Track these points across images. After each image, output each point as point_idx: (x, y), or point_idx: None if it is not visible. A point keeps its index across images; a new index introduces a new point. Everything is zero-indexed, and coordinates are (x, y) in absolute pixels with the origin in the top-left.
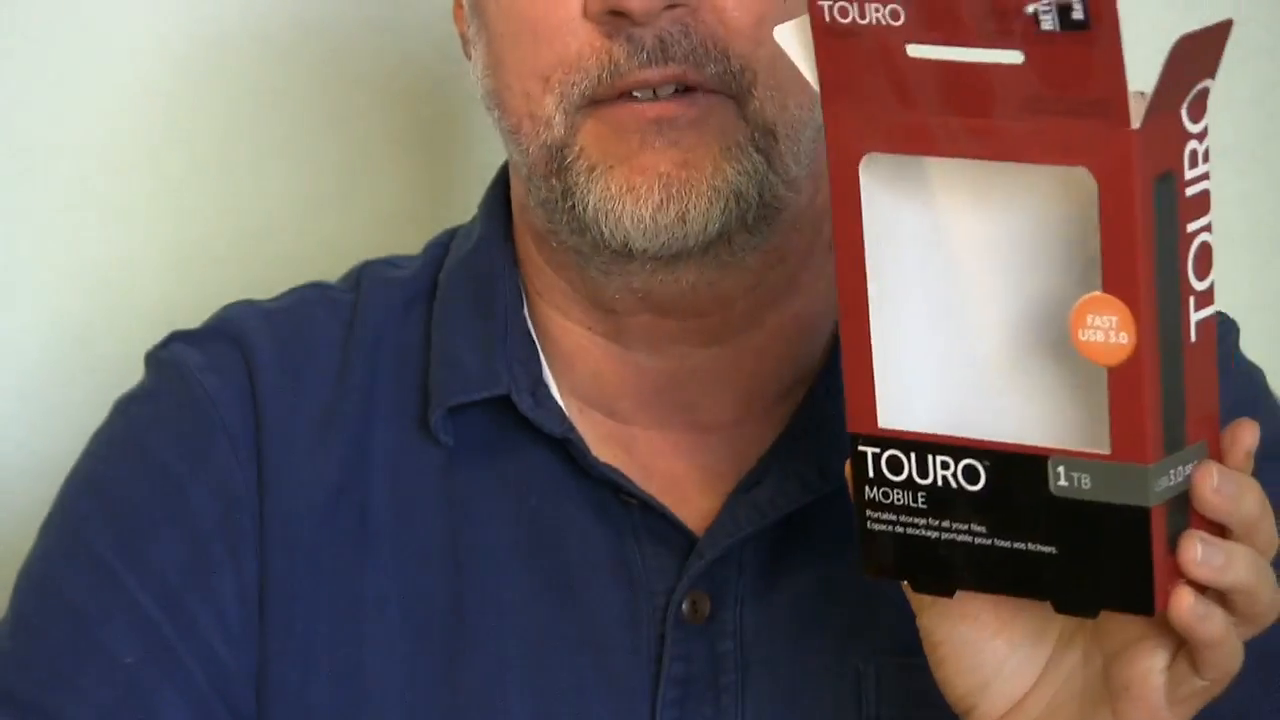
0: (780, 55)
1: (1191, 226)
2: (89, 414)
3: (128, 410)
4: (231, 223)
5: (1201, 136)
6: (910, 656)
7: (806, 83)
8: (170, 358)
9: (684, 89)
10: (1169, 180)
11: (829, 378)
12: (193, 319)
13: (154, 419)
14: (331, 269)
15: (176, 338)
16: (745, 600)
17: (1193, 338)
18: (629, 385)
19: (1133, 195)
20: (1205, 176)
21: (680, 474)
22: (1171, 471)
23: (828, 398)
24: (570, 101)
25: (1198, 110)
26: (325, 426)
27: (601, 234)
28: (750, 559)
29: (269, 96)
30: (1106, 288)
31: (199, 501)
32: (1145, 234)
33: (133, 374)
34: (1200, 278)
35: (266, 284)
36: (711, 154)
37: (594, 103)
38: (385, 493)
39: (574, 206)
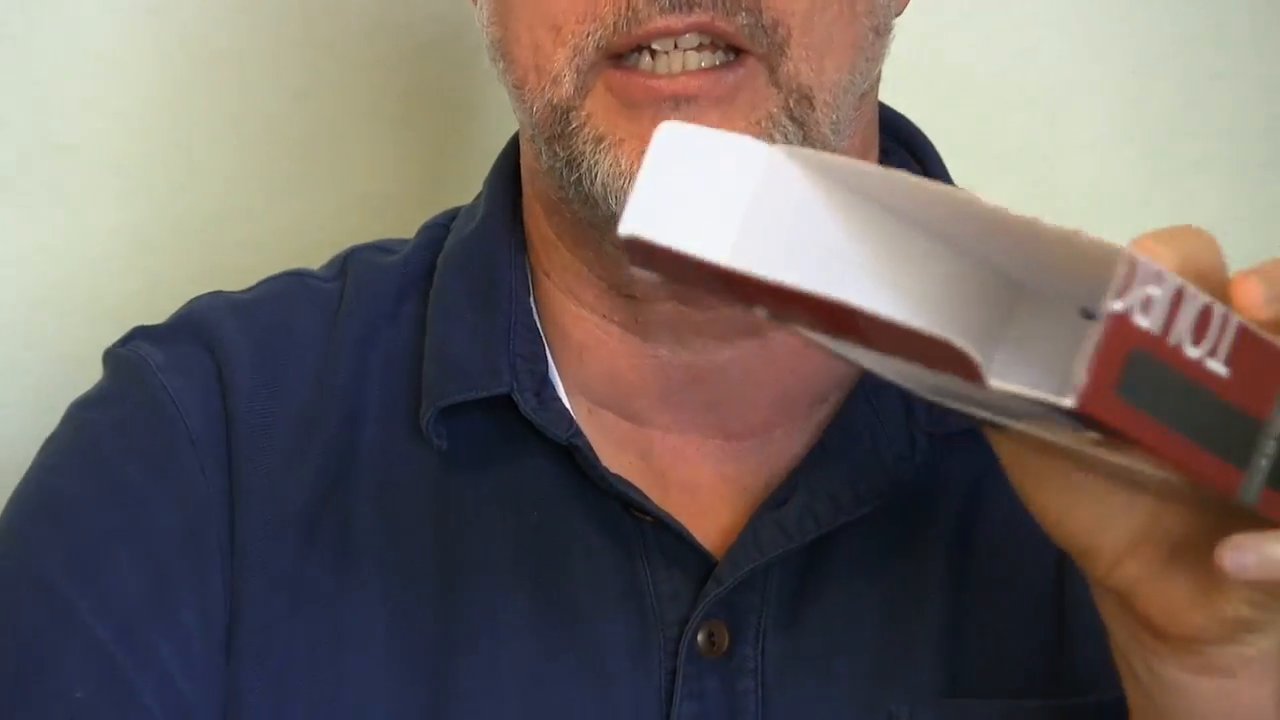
0: (817, 8)
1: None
2: (32, 416)
3: (82, 415)
4: (186, 204)
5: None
6: (949, 698)
7: (844, 41)
8: (131, 356)
9: (709, 43)
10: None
11: (870, 381)
12: (141, 310)
13: (112, 426)
14: (300, 255)
15: (139, 334)
16: (768, 632)
17: None
18: (648, 382)
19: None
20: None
21: (701, 484)
22: None
23: (867, 405)
24: (584, 57)
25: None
26: (305, 433)
27: (611, 209)
28: (775, 586)
29: (227, 61)
30: None
31: (161, 519)
32: None
33: (81, 372)
34: None
35: (226, 272)
36: (738, 129)
37: (609, 57)
38: (371, 505)
39: (581, 179)
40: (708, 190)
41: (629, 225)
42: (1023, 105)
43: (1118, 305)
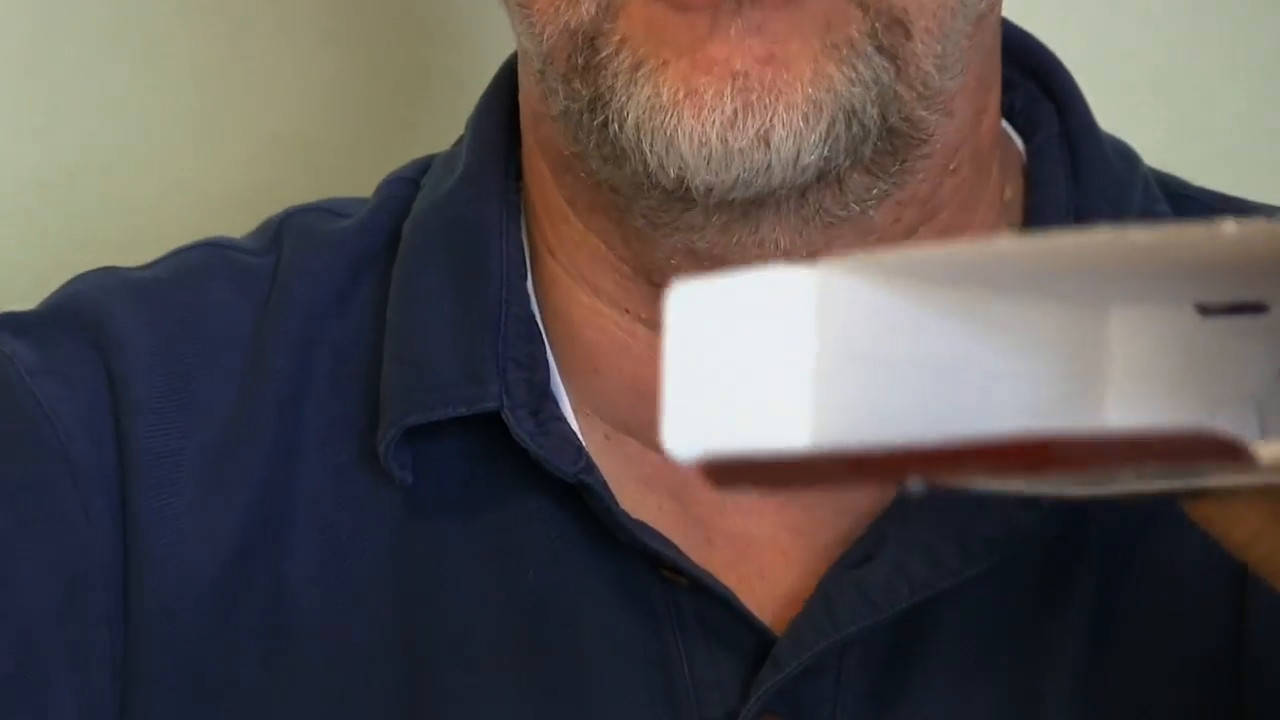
0: None
1: None
2: None
3: None
4: (46, 151)
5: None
6: None
7: None
8: None
9: None
10: None
11: None
12: (15, 292)
13: None
14: (207, 217)
15: (1, 323)
16: None
17: None
18: None
19: None
20: None
21: (755, 535)
22: None
23: None
24: None
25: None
26: (225, 459)
27: (645, 162)
28: (854, 672)
29: None
30: None
31: (27, 576)
32: None
33: None
34: None
35: (102, 244)
36: (810, 49)
37: None
38: (311, 563)
39: (607, 122)
40: (759, 355)
41: (675, 445)
42: None
43: None
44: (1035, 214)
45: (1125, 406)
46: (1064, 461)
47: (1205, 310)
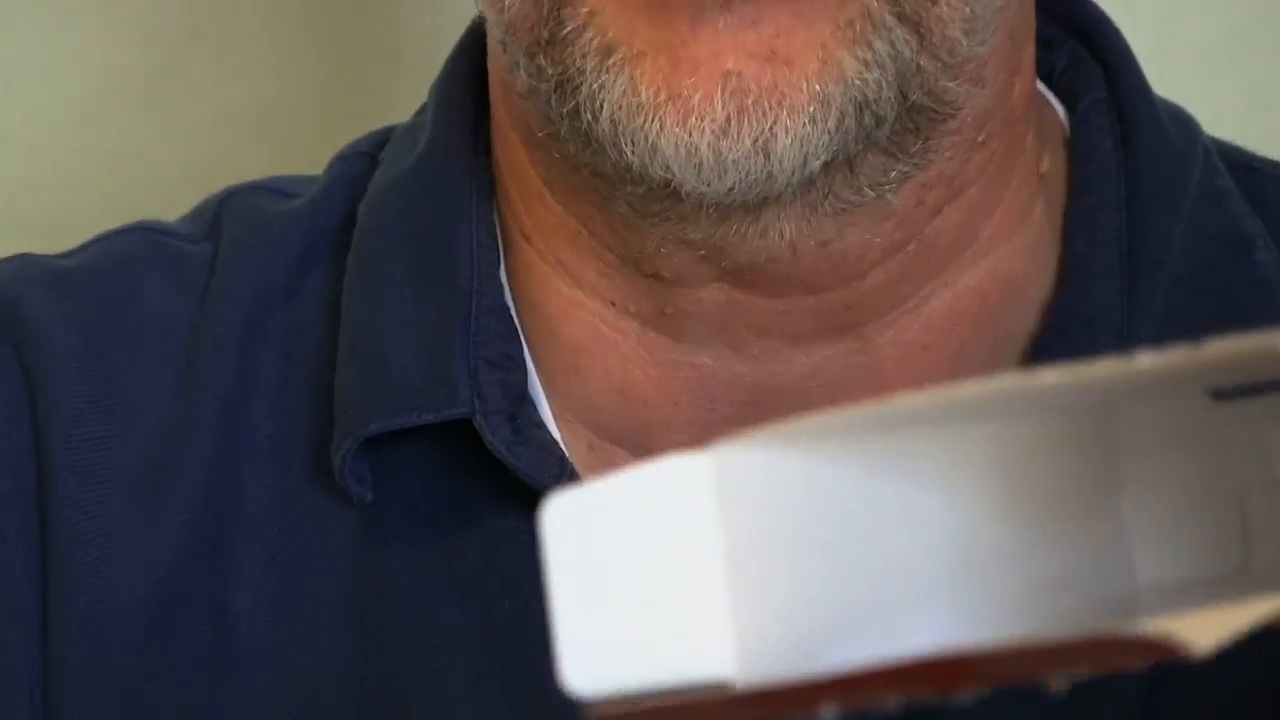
0: None
1: None
2: None
3: None
4: None
5: None
6: None
7: None
8: None
9: None
10: None
11: None
12: None
13: None
14: (136, 199)
15: None
16: None
17: None
18: (681, 405)
19: None
20: None
21: None
22: None
23: None
24: None
25: None
26: (159, 473)
27: (626, 161)
28: None
29: None
30: None
31: None
32: None
33: None
34: None
35: (20, 229)
36: (819, 36)
37: None
38: (257, 586)
39: (579, 111)
40: (660, 565)
41: (578, 686)
42: None
43: None
44: (1081, 190)
45: (1142, 508)
46: (985, 677)
47: (1220, 395)
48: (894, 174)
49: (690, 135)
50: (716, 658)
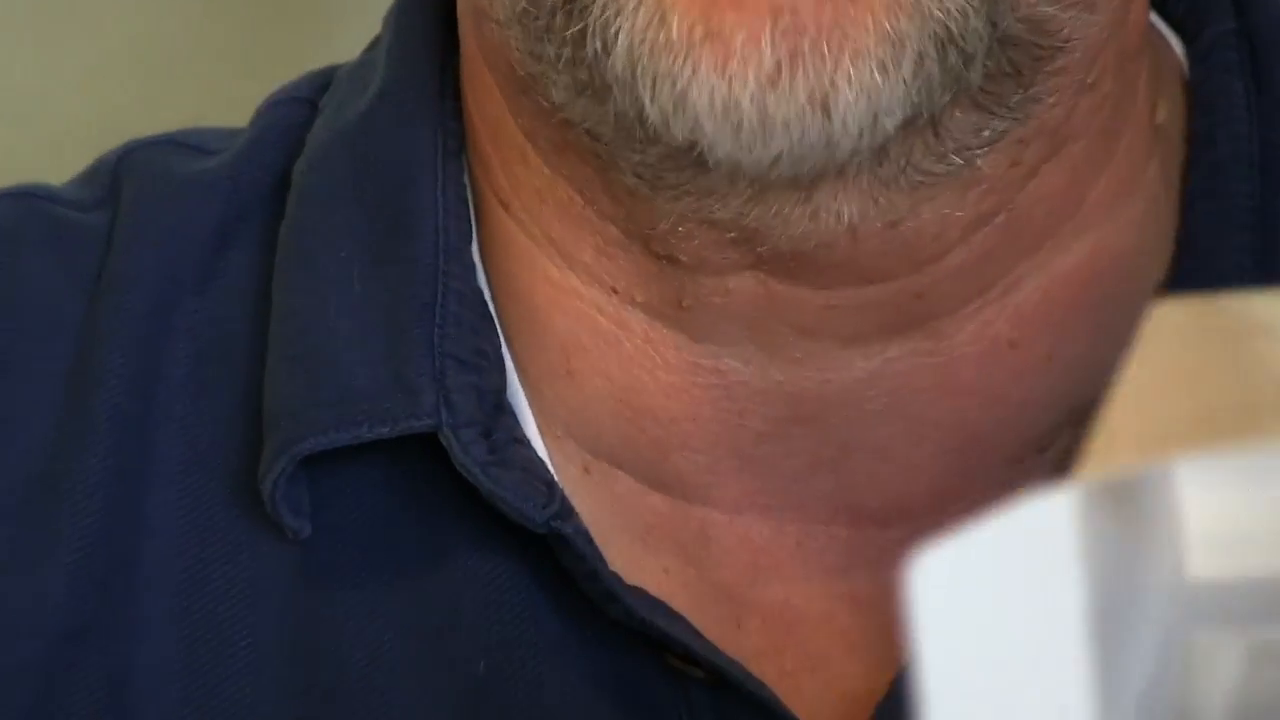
0: None
1: None
2: None
3: None
4: None
5: None
6: None
7: None
8: None
9: None
10: None
11: None
12: None
13: None
14: (54, 154)
15: None
16: None
17: None
18: (704, 421)
19: None
20: None
21: (801, 613)
22: None
23: None
24: None
25: None
26: (44, 498)
27: (640, 110)
28: None
29: None
30: None
31: None
32: None
33: None
34: None
35: None
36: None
37: None
38: (168, 642)
39: (586, 35)
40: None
41: None
42: None
43: None
44: (1204, 144)
45: None
46: None
47: None
48: (988, 133)
49: (730, 85)
50: None
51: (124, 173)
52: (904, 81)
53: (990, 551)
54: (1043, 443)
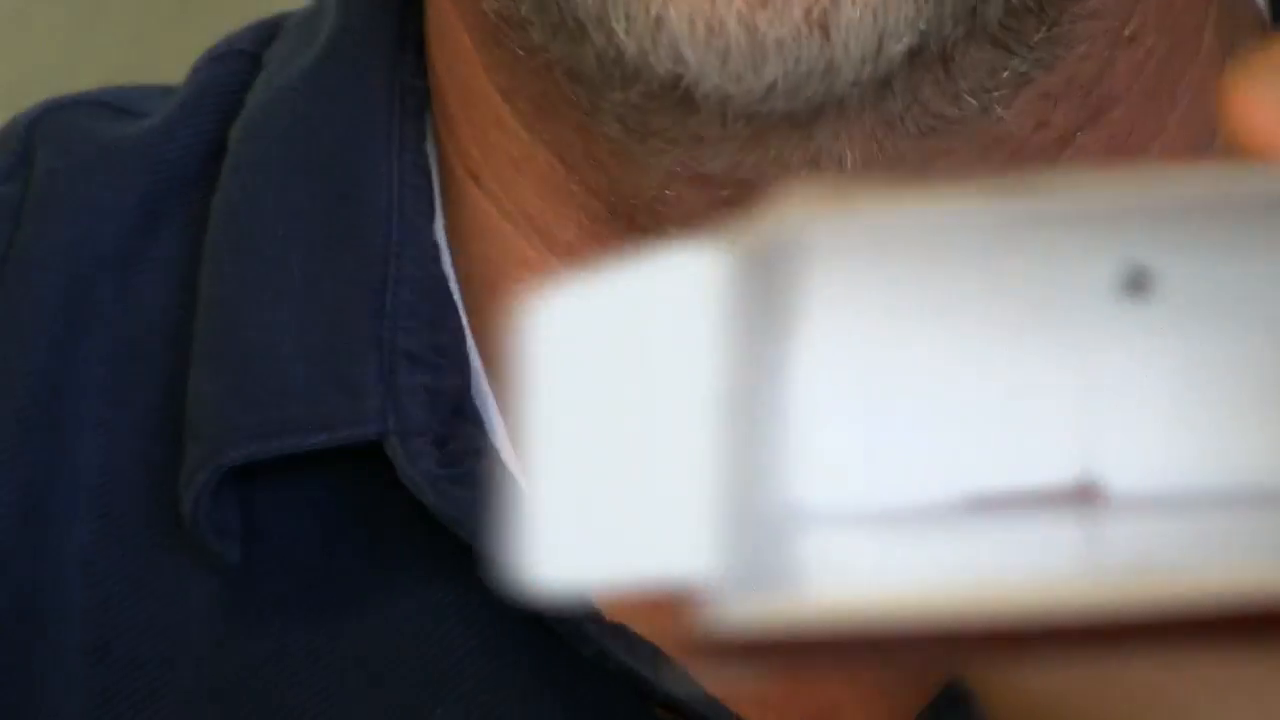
0: None
1: None
2: None
3: None
4: None
5: None
6: None
7: None
8: None
9: None
10: None
11: None
12: None
13: None
14: None
15: None
16: None
17: None
18: None
19: None
20: None
21: None
22: None
23: None
24: None
25: None
26: None
27: (616, 43)
28: None
29: None
30: None
31: None
32: None
33: None
34: None
35: None
36: None
37: None
38: (75, 684)
39: None
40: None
41: (541, 575)
42: None
43: None
44: None
45: None
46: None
47: None
48: (1006, 74)
49: (714, 3)
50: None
51: (38, 138)
52: (912, 3)
53: (615, 306)
54: None
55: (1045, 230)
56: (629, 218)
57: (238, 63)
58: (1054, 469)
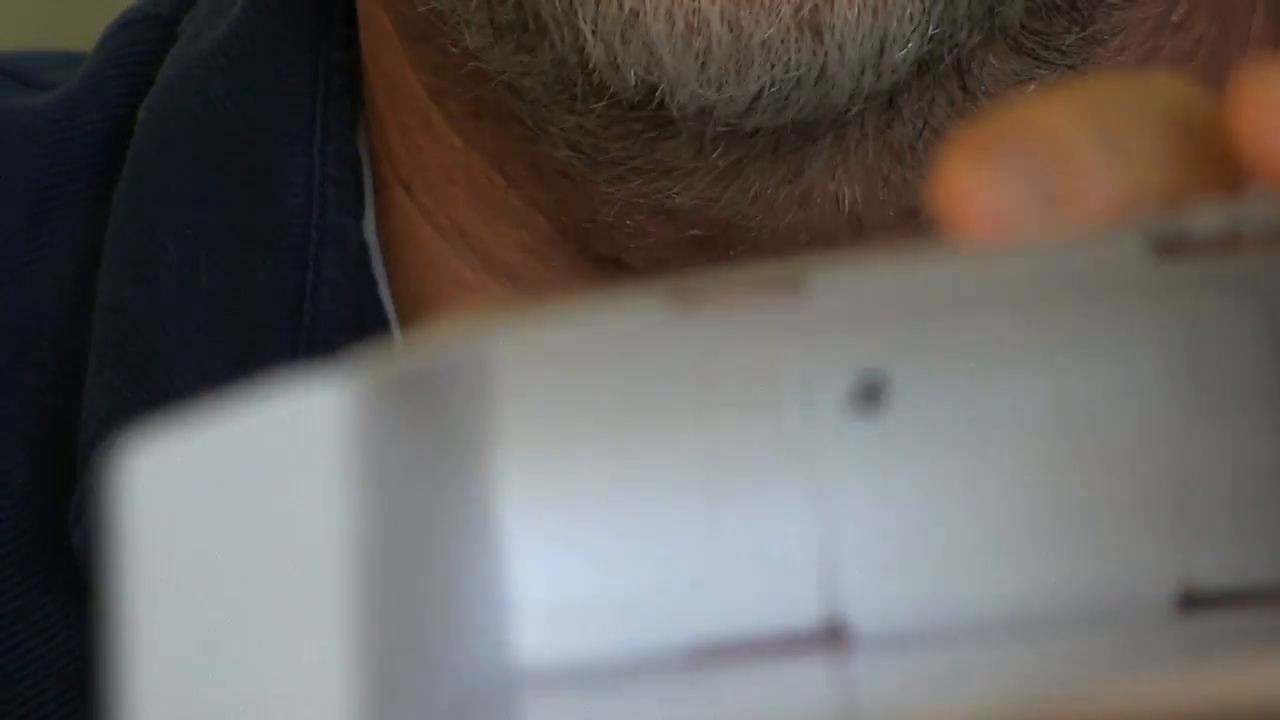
0: None
1: None
2: None
3: None
4: None
5: None
6: None
7: None
8: None
9: None
10: None
11: None
12: None
13: None
14: None
15: None
16: None
17: None
18: None
19: None
20: None
21: None
22: None
23: None
24: None
25: None
26: None
27: (582, 51)
28: None
29: None
30: None
31: None
32: None
33: None
34: None
35: None
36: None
37: None
38: None
39: None
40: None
41: None
42: None
43: None
44: None
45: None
46: None
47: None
48: (1034, 87)
49: (698, 8)
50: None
51: None
52: (918, 3)
53: (227, 451)
54: None
55: (756, 339)
56: (582, 241)
57: (151, 30)
58: (795, 609)
